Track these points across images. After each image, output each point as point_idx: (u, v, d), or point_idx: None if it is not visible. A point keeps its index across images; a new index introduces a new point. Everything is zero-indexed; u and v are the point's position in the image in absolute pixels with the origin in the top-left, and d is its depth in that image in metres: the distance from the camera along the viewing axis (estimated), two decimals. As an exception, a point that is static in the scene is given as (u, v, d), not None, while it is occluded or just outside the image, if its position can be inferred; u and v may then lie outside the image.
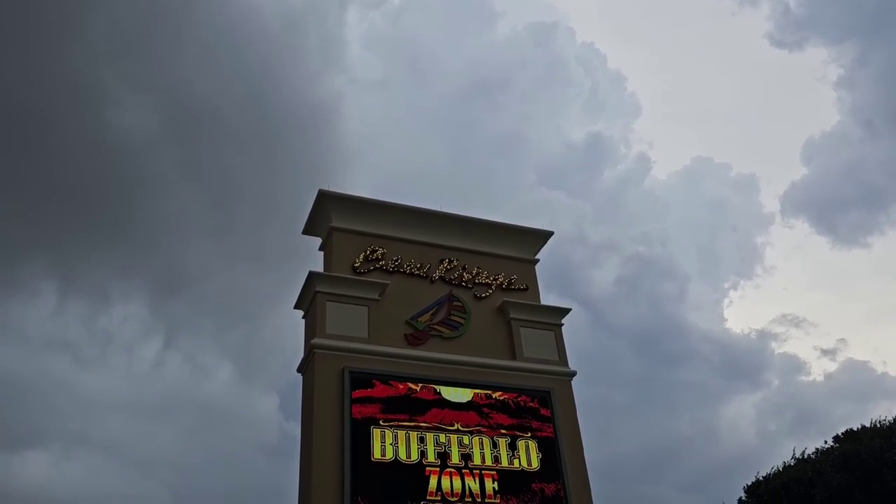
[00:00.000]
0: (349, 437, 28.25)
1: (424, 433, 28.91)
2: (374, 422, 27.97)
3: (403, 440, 28.42)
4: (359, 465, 27.53)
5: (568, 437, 31.91)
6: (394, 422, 28.74)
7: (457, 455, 28.64)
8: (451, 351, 32.62)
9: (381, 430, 28.47)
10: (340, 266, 33.28)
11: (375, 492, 27.22)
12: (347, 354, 30.57)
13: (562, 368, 34.26)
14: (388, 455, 27.94)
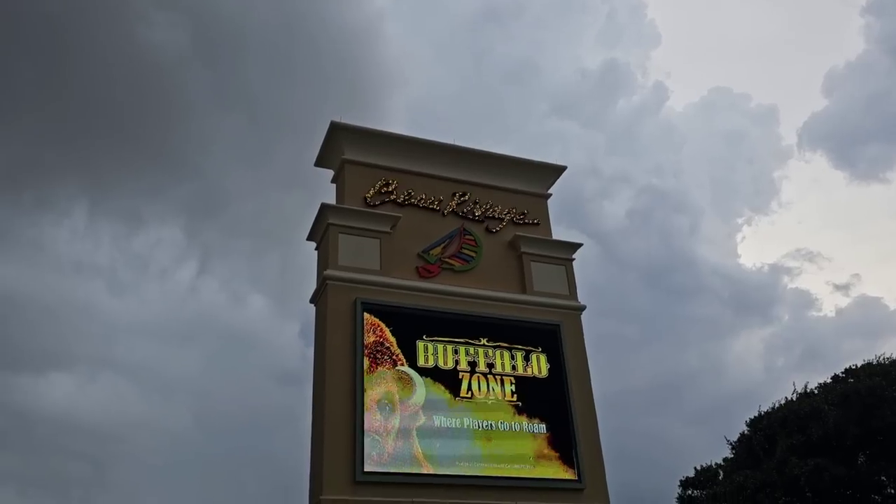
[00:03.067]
0: (360, 366, 29.02)
1: (458, 346, 30.97)
2: (418, 336, 30.71)
3: (442, 351, 30.58)
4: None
5: (576, 371, 32.58)
6: (435, 337, 30.81)
7: (483, 363, 30.82)
8: (462, 284, 32.99)
9: (424, 344, 30.46)
10: (353, 198, 33.37)
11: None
12: (359, 286, 31.04)
13: (571, 303, 34.65)
14: (430, 363, 30.14)
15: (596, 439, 31.46)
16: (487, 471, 29.01)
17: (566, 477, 30.03)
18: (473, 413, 30.02)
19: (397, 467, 27.93)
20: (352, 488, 27.03)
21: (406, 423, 28.86)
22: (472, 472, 28.74)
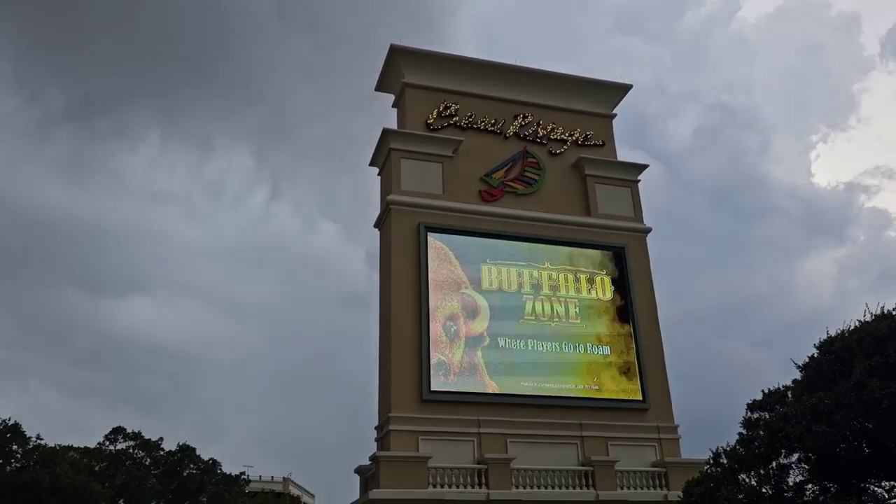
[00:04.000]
0: (425, 290, 29.47)
1: (522, 269, 31.27)
2: (482, 259, 30.94)
3: (506, 274, 30.88)
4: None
5: (641, 293, 32.35)
6: (498, 260, 31.09)
7: (547, 286, 31.25)
8: (525, 207, 32.77)
9: (488, 267, 30.78)
10: (414, 123, 33.19)
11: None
12: (422, 210, 31.20)
13: (637, 225, 34.13)
14: (494, 286, 30.53)
15: (661, 361, 31.43)
16: (552, 391, 29.42)
17: (631, 397, 30.24)
18: (537, 335, 30.28)
19: (463, 387, 28.59)
20: (419, 407, 27.88)
21: (471, 345, 29.36)
22: (536, 392, 29.20)
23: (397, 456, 26.27)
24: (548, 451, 28.22)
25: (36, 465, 38.10)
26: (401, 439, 27.10)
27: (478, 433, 27.92)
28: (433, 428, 27.51)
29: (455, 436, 27.65)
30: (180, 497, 47.73)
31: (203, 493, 48.15)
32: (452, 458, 26.90)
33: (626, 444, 29.19)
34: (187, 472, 49.07)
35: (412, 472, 25.83)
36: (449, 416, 27.87)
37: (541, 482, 27.13)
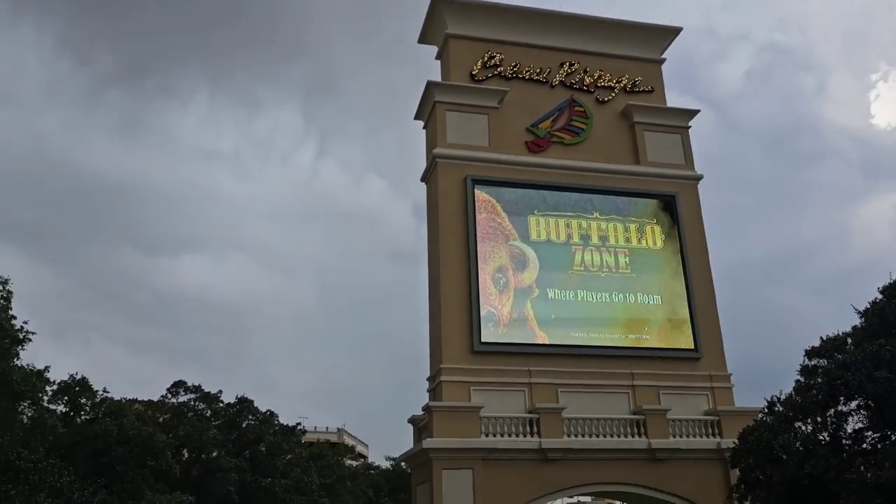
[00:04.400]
0: (473, 242, 29.52)
1: (570, 220, 31.08)
2: (529, 211, 30.75)
3: (553, 225, 30.76)
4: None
5: (692, 241, 31.87)
6: (546, 212, 30.90)
7: (596, 237, 31.10)
8: (572, 157, 32.34)
9: (536, 218, 30.70)
10: (458, 74, 32.81)
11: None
12: (469, 163, 31.03)
13: (687, 172, 33.42)
14: (542, 237, 30.42)
15: (713, 310, 31.07)
16: (602, 341, 29.43)
17: (682, 346, 30.07)
18: (587, 285, 30.18)
19: (513, 338, 28.77)
20: (470, 358, 28.20)
21: (520, 296, 29.43)
22: (586, 342, 29.24)
23: (449, 406, 26.70)
24: (599, 400, 28.33)
25: (104, 416, 39.86)
26: (452, 390, 27.51)
27: (528, 383, 28.17)
28: (484, 379, 27.83)
29: (506, 386, 27.95)
30: (240, 447, 49.49)
31: (262, 443, 49.80)
32: (504, 408, 27.23)
33: (678, 393, 29.13)
34: (246, 423, 50.77)
35: (464, 421, 26.25)
36: (499, 367, 28.14)
37: (592, 431, 27.33)
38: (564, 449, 26.49)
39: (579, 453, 26.65)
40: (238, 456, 47.98)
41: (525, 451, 26.39)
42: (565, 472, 26.63)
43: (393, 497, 61.65)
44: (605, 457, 27.03)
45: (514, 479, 25.97)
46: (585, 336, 29.33)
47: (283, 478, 48.25)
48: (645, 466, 27.22)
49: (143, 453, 39.22)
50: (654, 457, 27.12)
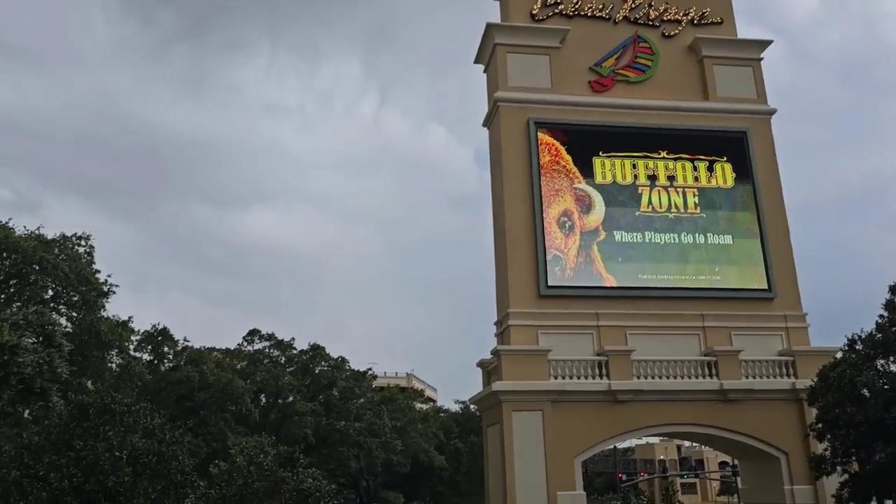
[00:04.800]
0: (537, 186, 29.26)
1: (637, 160, 30.40)
2: (594, 152, 30.09)
3: (619, 166, 30.22)
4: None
5: (765, 178, 30.83)
6: (612, 152, 30.29)
7: (663, 176, 30.37)
8: (638, 95, 31.43)
9: (601, 160, 30.15)
10: (518, 15, 32.04)
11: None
12: (531, 106, 30.51)
13: (760, 106, 32.10)
14: (608, 179, 29.94)
15: (786, 248, 30.15)
16: (671, 282, 29.01)
17: (755, 287, 29.40)
18: (655, 226, 29.66)
19: (580, 281, 28.62)
20: (537, 302, 28.24)
21: (586, 239, 29.16)
22: (655, 284, 28.89)
23: (517, 350, 26.92)
24: (668, 342, 28.09)
25: (186, 364, 41.82)
26: (520, 334, 27.69)
27: (596, 326, 28.10)
28: (551, 322, 27.88)
29: (573, 329, 27.95)
30: (314, 392, 51.24)
31: (334, 388, 51.46)
32: (572, 352, 27.29)
33: (751, 334, 28.60)
34: (319, 369, 52.43)
35: (533, 364, 26.47)
36: (566, 311, 28.13)
37: (662, 372, 27.21)
38: (634, 391, 26.48)
39: (649, 394, 26.61)
40: (312, 400, 49.74)
41: (594, 392, 26.49)
42: (635, 413, 26.68)
43: (463, 439, 63.01)
44: (676, 398, 26.92)
45: (583, 419, 26.18)
46: (654, 278, 28.97)
47: (357, 421, 49.87)
48: (717, 407, 27.01)
49: (223, 398, 41.09)
50: (727, 398, 26.87)
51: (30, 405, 26.98)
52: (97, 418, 14.19)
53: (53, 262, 29.86)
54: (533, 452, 25.50)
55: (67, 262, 30.71)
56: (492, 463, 28.14)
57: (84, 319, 32.33)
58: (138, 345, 40.91)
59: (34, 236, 31.58)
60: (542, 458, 25.52)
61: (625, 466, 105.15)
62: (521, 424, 25.85)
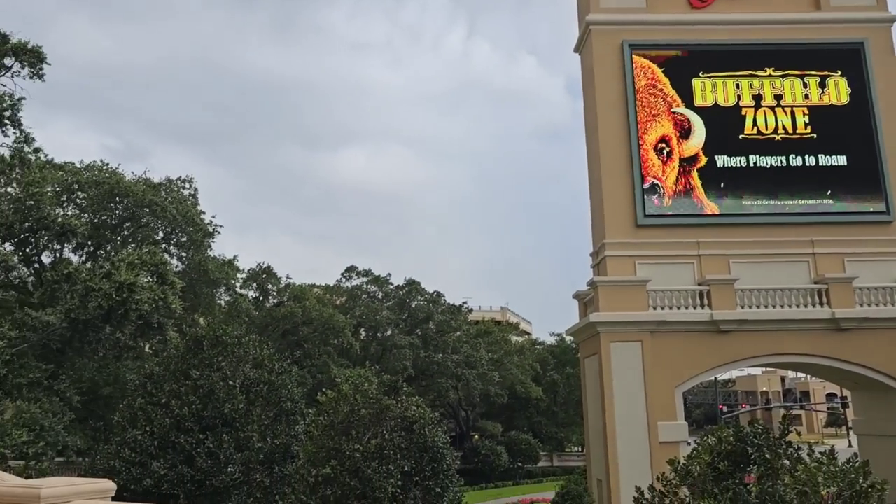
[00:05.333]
0: (633, 112, 28.17)
1: (740, 79, 28.83)
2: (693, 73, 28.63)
3: (721, 87, 28.79)
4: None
5: (884, 93, 28.53)
6: (712, 72, 28.79)
7: (769, 96, 28.73)
8: (741, 9, 29.43)
9: (701, 81, 28.77)
10: (610, -71, 30.40)
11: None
12: (625, 27, 29.12)
13: (878, 14, 29.46)
14: (709, 101, 28.56)
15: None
16: (778, 208, 27.60)
17: (872, 209, 27.60)
18: (760, 149, 28.11)
19: (679, 209, 27.65)
20: (634, 232, 27.54)
21: (686, 165, 28.01)
22: (760, 210, 27.58)
23: (615, 281, 26.45)
24: (775, 270, 26.91)
25: (289, 300, 43.46)
26: (617, 264, 27.16)
27: (697, 255, 27.21)
28: (649, 252, 27.19)
29: (673, 259, 27.17)
30: (411, 326, 52.44)
31: (431, 322, 52.48)
32: (671, 282, 26.58)
33: (866, 260, 26.99)
34: (415, 303, 53.50)
35: (631, 295, 25.98)
36: (665, 240, 27.32)
37: (768, 302, 26.18)
38: (738, 321, 25.65)
39: (754, 324, 25.71)
40: (410, 334, 50.96)
41: (695, 323, 25.83)
42: (739, 343, 25.90)
43: (559, 371, 63.33)
44: (783, 328, 25.89)
45: (684, 350, 25.64)
46: (759, 204, 27.62)
47: (454, 353, 50.83)
48: (828, 337, 25.84)
49: (325, 332, 42.62)
50: (839, 327, 25.64)
51: (148, 339, 28.79)
52: (211, 349, 15.00)
53: (162, 204, 31.32)
54: (632, 383, 25.27)
55: (174, 204, 32.15)
56: (590, 394, 28.13)
57: (193, 259, 33.99)
58: (244, 282, 42.77)
59: (142, 181, 33.15)
60: (641, 389, 25.28)
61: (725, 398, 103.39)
62: (620, 355, 25.58)
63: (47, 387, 24.45)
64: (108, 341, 25.67)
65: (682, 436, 25.56)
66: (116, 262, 24.29)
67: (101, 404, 28.72)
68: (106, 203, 31.93)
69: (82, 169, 32.59)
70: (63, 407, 24.07)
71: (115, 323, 23.94)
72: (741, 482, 7.95)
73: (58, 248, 31.32)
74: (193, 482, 13.79)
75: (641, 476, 24.57)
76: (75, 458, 24.82)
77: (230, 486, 13.43)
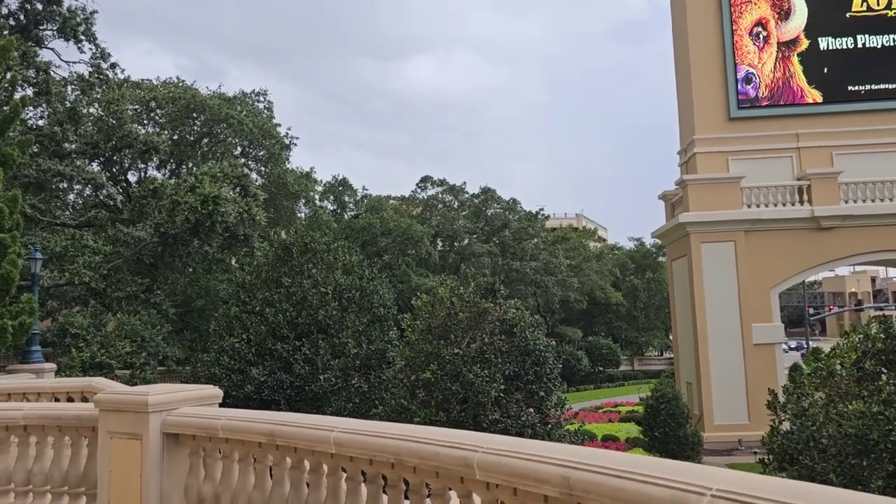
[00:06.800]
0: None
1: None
2: None
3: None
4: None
5: None
6: None
7: None
8: None
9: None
10: None
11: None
12: None
13: None
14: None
15: None
16: (889, 93, 25.40)
17: None
18: (870, 28, 25.67)
19: (777, 99, 25.82)
20: (726, 126, 25.96)
21: (785, 50, 25.93)
22: (869, 96, 25.44)
23: (706, 178, 25.15)
24: (882, 161, 25.05)
25: (366, 212, 43.54)
26: (708, 161, 25.79)
27: (796, 148, 25.53)
28: (743, 147, 25.67)
29: (769, 153, 25.60)
30: (489, 234, 52.03)
31: (507, 229, 51.90)
32: (767, 178, 25.13)
33: None
34: (491, 211, 52.87)
35: (723, 193, 24.70)
36: (761, 133, 25.68)
37: (875, 195, 24.48)
38: (841, 216, 24.13)
39: (859, 219, 24.16)
40: (487, 242, 50.61)
41: (794, 220, 24.46)
42: (841, 239, 24.46)
43: (639, 275, 62.26)
44: (890, 222, 24.24)
45: (782, 249, 24.42)
46: (867, 88, 25.47)
47: (532, 260, 50.38)
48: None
49: (404, 243, 42.68)
50: (954, 218, 23.84)
51: (235, 252, 29.31)
52: (300, 257, 14.93)
53: (238, 118, 31.21)
54: (724, 284, 24.35)
55: (250, 117, 32.00)
56: (679, 297, 27.34)
57: (272, 172, 34.09)
58: (322, 195, 42.95)
59: (217, 95, 33.05)
60: (734, 290, 24.35)
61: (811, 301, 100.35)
62: (712, 256, 24.59)
63: (144, 300, 25.31)
64: (197, 255, 26.23)
65: (779, 337, 24.71)
66: (199, 175, 24.46)
67: (195, 316, 29.70)
68: (184, 119, 32.06)
69: (158, 86, 32.67)
70: (160, 319, 24.94)
71: (203, 236, 24.33)
72: (894, 384, 7.28)
73: (142, 166, 31.87)
74: (293, 388, 14.00)
75: (734, 379, 24.05)
76: (176, 367, 25.89)
77: (329, 391, 13.57)
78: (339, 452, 4.46)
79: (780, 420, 8.60)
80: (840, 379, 7.83)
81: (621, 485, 2.72)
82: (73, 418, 6.63)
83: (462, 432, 3.97)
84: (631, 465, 2.82)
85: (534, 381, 10.66)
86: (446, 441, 3.77)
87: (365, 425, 4.56)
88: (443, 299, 11.10)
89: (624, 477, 2.73)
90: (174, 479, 5.79)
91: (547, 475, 3.07)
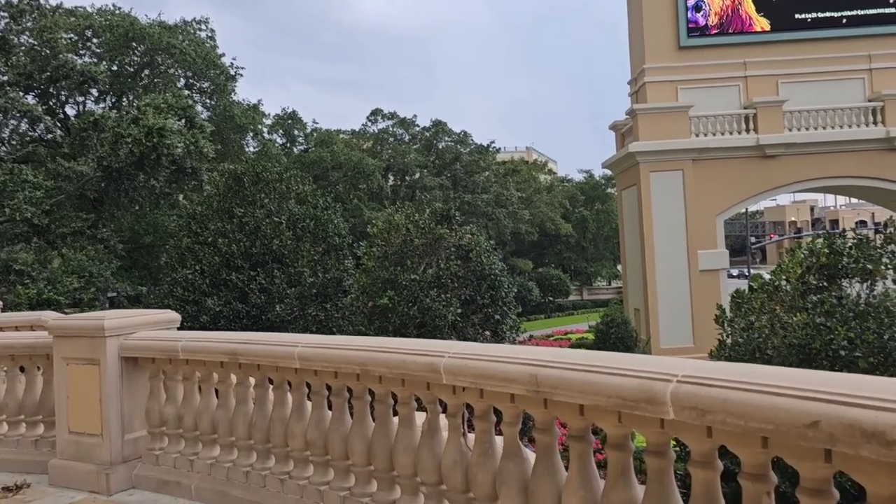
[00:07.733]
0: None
1: None
2: None
3: None
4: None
5: None
6: None
7: None
8: None
9: None
10: None
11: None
12: None
13: None
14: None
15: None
16: (834, 21, 25.69)
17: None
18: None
19: (725, 28, 25.93)
20: (676, 55, 26.05)
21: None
22: (815, 25, 25.72)
23: (655, 108, 25.35)
24: (826, 89, 25.55)
25: (316, 146, 42.81)
26: (657, 91, 25.95)
27: (743, 77, 25.83)
28: (692, 76, 25.87)
29: (717, 82, 25.88)
30: (440, 167, 51.79)
31: (458, 162, 51.71)
32: (715, 107, 25.46)
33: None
34: (442, 144, 52.50)
35: (672, 122, 24.98)
36: (710, 62, 25.88)
37: (818, 123, 25.05)
38: (785, 144, 24.69)
39: (803, 147, 24.77)
40: (439, 175, 50.41)
41: (740, 148, 24.95)
42: (786, 167, 25.10)
43: (588, 207, 63.07)
44: (833, 149, 24.92)
45: (728, 177, 24.96)
46: (813, 16, 25.72)
47: (484, 193, 50.49)
48: (882, 157, 24.89)
49: (355, 176, 42.26)
50: (894, 146, 24.61)
51: (183, 187, 28.62)
52: (252, 187, 14.67)
53: (180, 47, 30.01)
54: (672, 213, 24.87)
55: (193, 46, 30.79)
56: (628, 226, 27.84)
57: (217, 104, 33.09)
58: (271, 128, 41.98)
59: (157, 24, 31.64)
60: (681, 218, 24.92)
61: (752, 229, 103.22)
62: (660, 185, 25.01)
63: (90, 236, 24.65)
64: (143, 189, 25.51)
65: (723, 263, 25.48)
66: (142, 107, 23.59)
67: (143, 253, 29.12)
68: (122, 49, 30.67)
69: (94, 13, 31.09)
70: (108, 255, 24.36)
71: (149, 170, 23.62)
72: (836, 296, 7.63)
73: (80, 99, 30.55)
74: (249, 318, 13.96)
75: (680, 304, 24.83)
76: (126, 305, 25.48)
77: (285, 320, 13.58)
78: (304, 367, 4.49)
79: (727, 334, 8.99)
80: (785, 293, 8.18)
81: (588, 378, 2.80)
82: (26, 346, 6.53)
83: (427, 340, 4.03)
84: (598, 359, 2.91)
85: (489, 304, 10.84)
86: (413, 349, 3.83)
87: (329, 339, 4.59)
88: (398, 226, 11.10)
89: (592, 371, 2.81)
90: (135, 403, 5.78)
91: (515, 374, 3.14)
